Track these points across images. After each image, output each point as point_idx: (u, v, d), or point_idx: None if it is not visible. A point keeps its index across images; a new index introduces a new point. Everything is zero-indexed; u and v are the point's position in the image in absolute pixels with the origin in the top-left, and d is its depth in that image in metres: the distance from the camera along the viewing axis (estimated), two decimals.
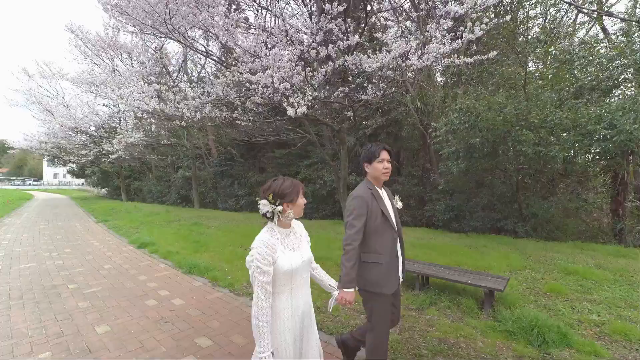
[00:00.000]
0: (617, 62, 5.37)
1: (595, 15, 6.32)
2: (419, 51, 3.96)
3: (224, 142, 15.14)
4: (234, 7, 10.38)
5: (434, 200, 10.38)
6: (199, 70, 16.97)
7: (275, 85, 4.27)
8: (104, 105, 16.28)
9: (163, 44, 12.79)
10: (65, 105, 15.14)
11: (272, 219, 1.49)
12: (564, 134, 5.46)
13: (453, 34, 3.99)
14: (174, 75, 14.96)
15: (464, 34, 3.76)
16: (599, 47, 6.01)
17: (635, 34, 5.16)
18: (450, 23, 4.12)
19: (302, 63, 4.45)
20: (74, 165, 24.83)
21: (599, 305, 3.60)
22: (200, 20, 4.89)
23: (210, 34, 5.63)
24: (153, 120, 16.18)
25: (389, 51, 4.48)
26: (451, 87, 8.45)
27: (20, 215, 13.46)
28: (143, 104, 5.49)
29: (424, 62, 3.99)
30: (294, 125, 10.92)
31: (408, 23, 10.20)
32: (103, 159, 16.93)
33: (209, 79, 8.59)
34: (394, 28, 11.79)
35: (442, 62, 4.32)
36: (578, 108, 5.39)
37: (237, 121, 5.86)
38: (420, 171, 11.39)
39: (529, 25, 6.90)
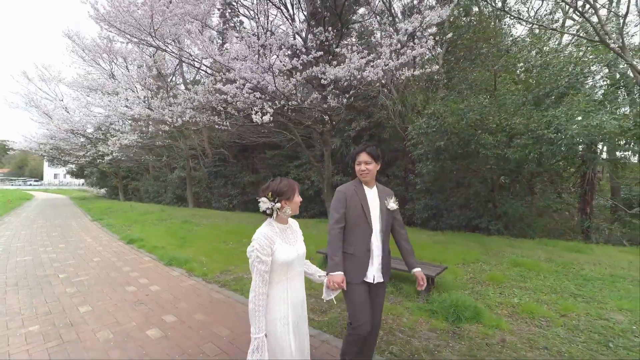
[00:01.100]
0: (565, 71, 5.82)
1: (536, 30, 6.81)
2: (370, 64, 4.44)
3: (216, 143, 15.58)
4: (228, 11, 10.82)
5: (415, 199, 10.86)
6: (194, 74, 17.46)
7: (245, 95, 4.76)
8: (102, 107, 16.82)
9: (157, 49, 13.28)
10: (63, 108, 15.65)
11: (271, 215, 1.64)
12: (518, 139, 5.91)
13: (405, 48, 4.46)
14: (169, 78, 15.45)
15: (407, 51, 4.26)
16: (550, 58, 6.46)
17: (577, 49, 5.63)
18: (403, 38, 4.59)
19: (272, 74, 4.92)
20: (73, 166, 25.32)
21: (525, 291, 4.07)
22: (181, 33, 5.36)
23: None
24: (150, 122, 16.75)
25: (351, 63, 4.96)
26: (426, 91, 8.90)
27: (20, 215, 13.95)
28: (129, 110, 5.99)
29: (375, 74, 4.48)
30: (281, 128, 11.38)
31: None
32: (98, 160, 17.42)
33: (198, 83, 9.04)
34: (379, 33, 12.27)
35: (396, 73, 4.78)
36: (531, 114, 5.84)
37: (216, 126, 6.30)
38: (403, 172, 11.86)
39: (495, 34, 7.35)
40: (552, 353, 2.60)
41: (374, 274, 2.05)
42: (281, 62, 4.63)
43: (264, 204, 1.61)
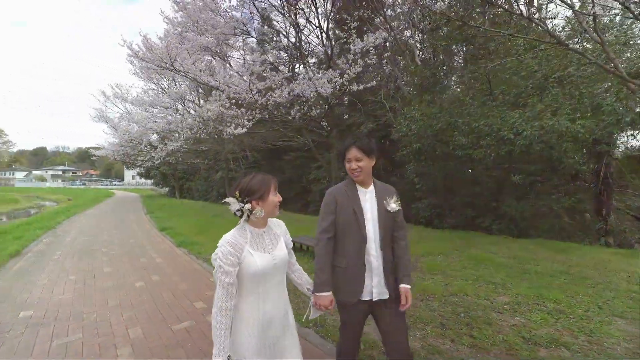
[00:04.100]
0: (532, 74, 5.89)
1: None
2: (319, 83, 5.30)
3: (246, 147, 17.33)
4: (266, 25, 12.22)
5: (421, 198, 11.15)
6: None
7: (229, 112, 5.97)
8: (167, 116, 19.85)
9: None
10: (131, 121, 18.91)
11: (242, 217, 1.40)
12: (484, 140, 6.18)
13: (350, 66, 5.22)
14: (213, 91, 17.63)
15: (348, 71, 5.00)
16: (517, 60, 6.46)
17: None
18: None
19: (253, 93, 6.07)
20: (142, 169, 29.73)
21: (451, 278, 4.56)
22: (187, 66, 6.81)
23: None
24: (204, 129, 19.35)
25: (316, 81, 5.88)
26: (417, 95, 9.28)
27: (99, 208, 17.41)
28: (154, 125, 7.68)
29: (325, 91, 5.30)
30: (294, 133, 12.54)
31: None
32: (149, 164, 20.54)
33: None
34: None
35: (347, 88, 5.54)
36: (499, 115, 6.08)
37: (215, 135, 7.68)
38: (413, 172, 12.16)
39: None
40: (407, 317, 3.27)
41: (372, 289, 1.72)
42: (256, 84, 5.75)
43: (233, 204, 1.39)
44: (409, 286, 1.73)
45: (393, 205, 1.77)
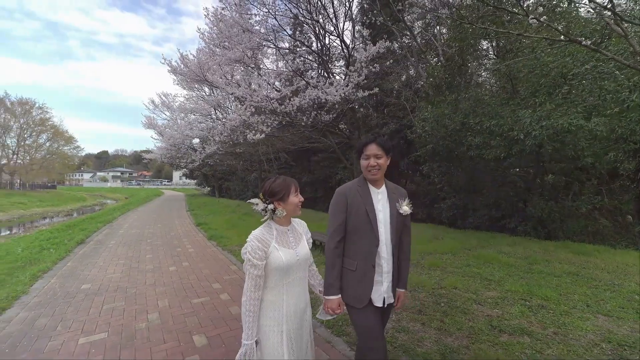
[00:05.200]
0: (547, 73, 5.74)
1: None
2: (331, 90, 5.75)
3: (276, 149, 18.20)
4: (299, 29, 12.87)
5: (447, 198, 11.07)
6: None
7: (249, 120, 6.67)
8: (201, 123, 21.63)
9: (232, 76, 16.69)
10: (173, 128, 20.83)
11: (266, 216, 1.52)
12: (493, 140, 6.19)
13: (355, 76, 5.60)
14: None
15: (351, 79, 5.37)
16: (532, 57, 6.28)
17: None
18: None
19: (272, 101, 6.72)
20: (186, 170, 32.30)
21: (449, 274, 4.78)
22: (215, 78, 7.66)
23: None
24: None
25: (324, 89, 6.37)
26: (434, 96, 9.32)
27: (147, 206, 19.42)
28: (190, 132, 8.65)
29: (333, 97, 5.72)
30: (320, 135, 13.06)
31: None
32: (191, 166, 22.37)
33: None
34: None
35: (353, 95, 5.92)
36: (507, 116, 6.06)
37: (240, 140, 8.47)
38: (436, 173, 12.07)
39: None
40: None
41: (383, 295, 1.68)
42: (279, 91, 6.35)
43: (258, 205, 1.52)
44: (405, 290, 1.79)
45: (405, 208, 1.71)
